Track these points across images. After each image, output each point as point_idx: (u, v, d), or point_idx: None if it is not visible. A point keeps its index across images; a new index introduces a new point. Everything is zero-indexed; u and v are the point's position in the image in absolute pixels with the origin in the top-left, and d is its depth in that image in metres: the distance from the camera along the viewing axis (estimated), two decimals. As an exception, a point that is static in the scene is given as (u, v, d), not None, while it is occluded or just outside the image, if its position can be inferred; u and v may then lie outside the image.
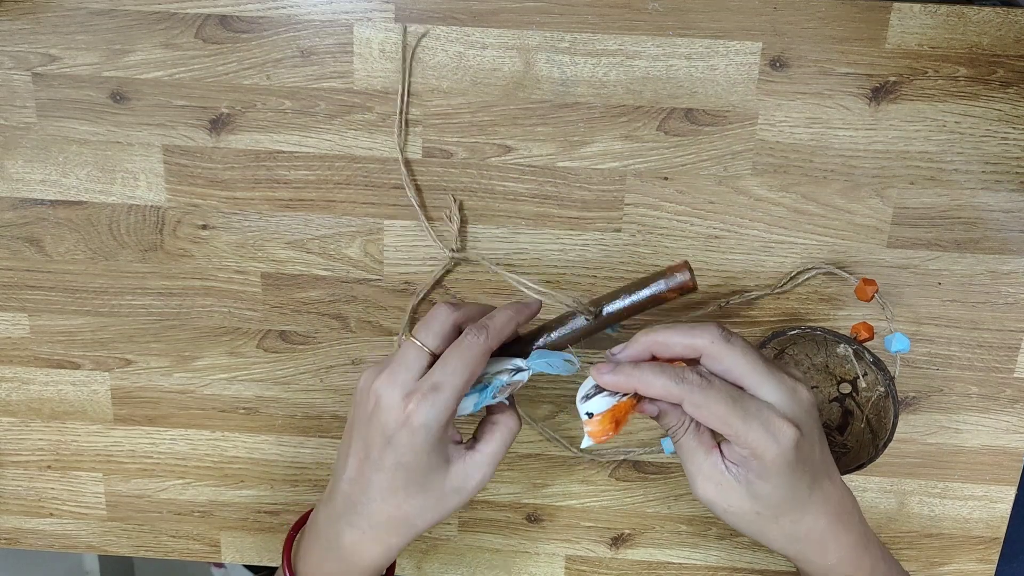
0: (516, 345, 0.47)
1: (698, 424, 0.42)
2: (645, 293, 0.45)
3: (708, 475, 0.42)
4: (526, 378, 0.45)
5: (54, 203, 0.55)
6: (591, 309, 0.45)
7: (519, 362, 0.45)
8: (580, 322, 0.46)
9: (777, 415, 0.40)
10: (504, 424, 0.45)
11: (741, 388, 0.41)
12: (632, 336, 0.43)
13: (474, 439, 0.45)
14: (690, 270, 0.44)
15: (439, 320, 0.44)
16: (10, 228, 0.56)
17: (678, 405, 0.41)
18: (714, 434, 0.42)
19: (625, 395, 0.42)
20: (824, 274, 0.52)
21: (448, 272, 0.55)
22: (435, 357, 0.43)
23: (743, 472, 0.41)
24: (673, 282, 0.44)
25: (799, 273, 0.53)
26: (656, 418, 0.43)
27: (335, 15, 0.50)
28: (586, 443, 0.43)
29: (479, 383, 0.44)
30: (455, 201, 0.53)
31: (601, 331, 0.46)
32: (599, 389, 0.43)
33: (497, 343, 0.43)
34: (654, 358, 0.43)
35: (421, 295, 0.55)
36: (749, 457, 0.40)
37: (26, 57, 0.52)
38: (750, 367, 0.40)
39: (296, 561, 0.48)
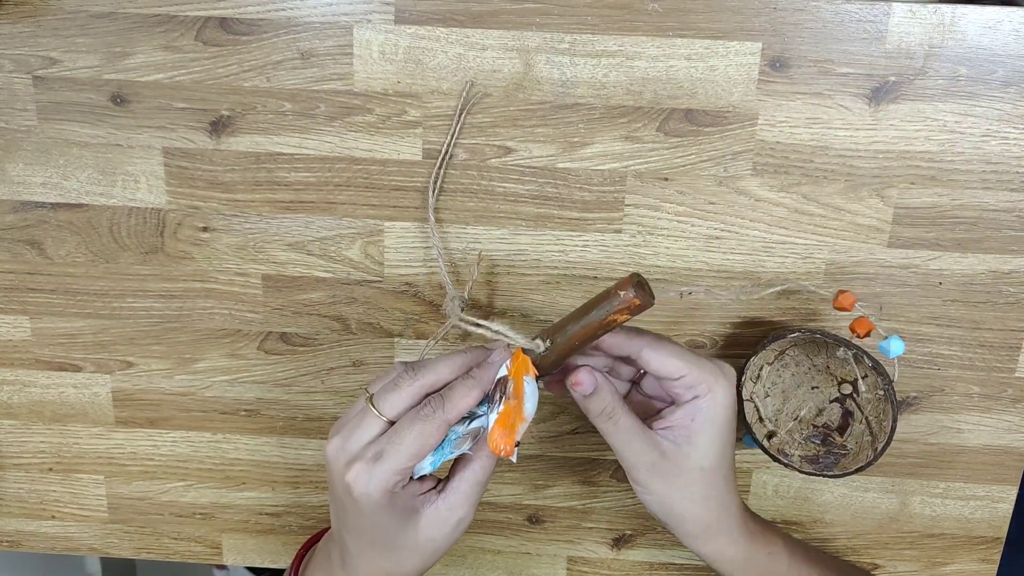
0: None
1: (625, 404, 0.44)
2: (593, 319, 0.40)
3: (648, 458, 0.43)
4: (486, 423, 0.42)
5: (55, 206, 0.55)
6: (541, 344, 0.42)
7: (473, 408, 0.43)
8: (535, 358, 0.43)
9: (717, 360, 0.45)
10: (476, 459, 0.43)
11: None
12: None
13: (447, 478, 0.44)
14: (635, 286, 0.39)
15: (399, 389, 0.42)
16: (11, 231, 0.56)
17: (611, 384, 0.44)
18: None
19: (501, 406, 0.42)
20: (784, 288, 0.52)
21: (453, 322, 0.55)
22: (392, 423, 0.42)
23: (683, 434, 0.43)
24: (617, 304, 0.39)
25: (764, 285, 0.53)
26: (588, 398, 0.43)
27: (335, 17, 0.50)
28: (514, 457, 0.42)
29: None
30: (479, 260, 0.53)
31: (562, 362, 0.44)
32: (473, 415, 0.43)
33: (456, 416, 0.42)
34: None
35: (430, 346, 0.56)
36: (697, 400, 0.43)
37: (26, 60, 0.52)
38: (680, 351, 0.44)
39: None
